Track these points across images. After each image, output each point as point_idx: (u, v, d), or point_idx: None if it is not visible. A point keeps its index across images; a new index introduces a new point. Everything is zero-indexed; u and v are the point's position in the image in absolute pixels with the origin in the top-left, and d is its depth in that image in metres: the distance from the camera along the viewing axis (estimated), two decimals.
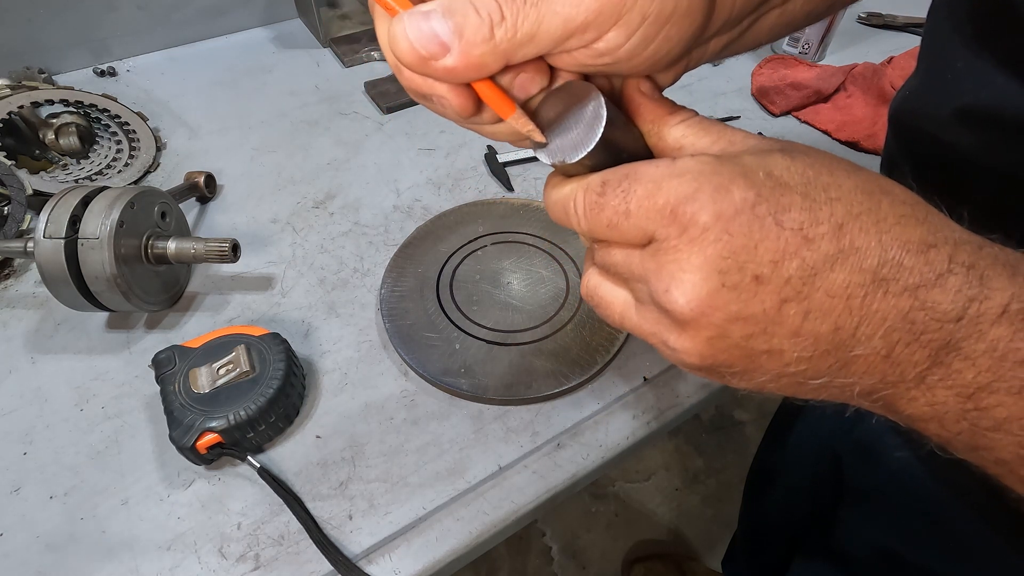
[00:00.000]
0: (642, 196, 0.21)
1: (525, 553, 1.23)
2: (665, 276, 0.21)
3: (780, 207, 0.20)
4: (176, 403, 0.40)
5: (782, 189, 0.20)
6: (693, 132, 0.24)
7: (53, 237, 0.43)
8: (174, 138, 0.69)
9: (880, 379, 0.21)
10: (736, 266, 0.20)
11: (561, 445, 0.43)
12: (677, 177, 0.21)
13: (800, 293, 0.20)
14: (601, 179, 0.22)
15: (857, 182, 0.21)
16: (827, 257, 0.19)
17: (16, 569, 0.38)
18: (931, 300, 0.19)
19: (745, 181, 0.20)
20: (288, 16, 0.88)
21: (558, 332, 0.48)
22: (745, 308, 0.20)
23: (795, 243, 0.19)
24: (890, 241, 0.19)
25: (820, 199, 0.20)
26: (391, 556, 0.38)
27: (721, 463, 1.36)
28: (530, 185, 0.63)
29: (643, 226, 0.21)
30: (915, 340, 0.20)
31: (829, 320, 0.20)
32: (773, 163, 0.21)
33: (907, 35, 0.85)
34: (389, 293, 0.51)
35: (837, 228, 0.19)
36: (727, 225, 0.20)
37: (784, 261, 0.20)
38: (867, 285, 0.19)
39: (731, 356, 0.22)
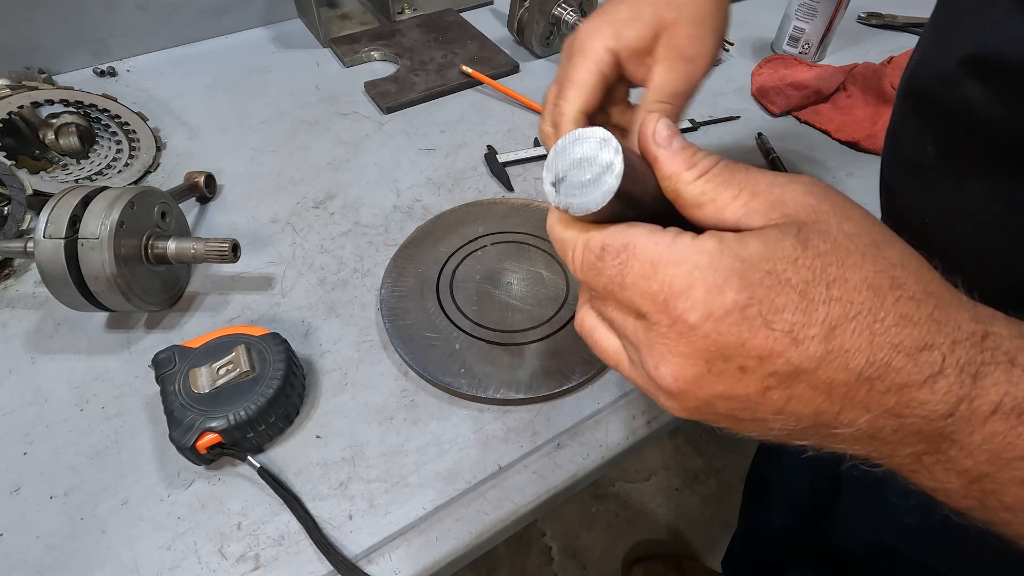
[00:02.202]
0: (638, 275, 0.22)
1: (525, 553, 1.23)
2: (655, 354, 0.22)
3: (773, 308, 0.20)
4: (176, 403, 0.40)
5: (780, 288, 0.20)
6: (713, 187, 0.23)
7: (53, 237, 0.43)
8: (174, 138, 0.69)
9: (872, 451, 0.22)
10: (722, 358, 0.21)
11: (561, 445, 0.43)
12: (673, 265, 0.21)
13: (783, 384, 0.21)
14: (601, 243, 0.23)
15: (867, 274, 0.20)
16: (813, 358, 0.20)
17: (16, 569, 0.38)
18: (918, 399, 0.20)
19: (739, 282, 0.20)
20: (288, 16, 0.88)
21: (558, 332, 0.48)
22: (729, 390, 0.21)
23: (783, 344, 0.20)
24: (882, 343, 0.20)
25: (819, 298, 0.20)
26: (391, 556, 0.38)
27: (721, 463, 1.36)
28: (530, 185, 0.63)
29: (636, 302, 0.22)
30: (902, 428, 0.20)
31: (811, 406, 0.21)
32: (780, 255, 0.20)
33: (907, 35, 0.85)
34: (389, 293, 0.51)
35: (830, 330, 0.20)
36: (716, 325, 0.20)
37: (770, 358, 0.20)
38: (851, 383, 0.20)
39: (718, 419, 0.23)
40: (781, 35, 0.80)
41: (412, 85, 0.74)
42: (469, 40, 0.82)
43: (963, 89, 0.31)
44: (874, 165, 0.65)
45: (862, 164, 0.65)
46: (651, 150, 0.24)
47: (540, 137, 0.37)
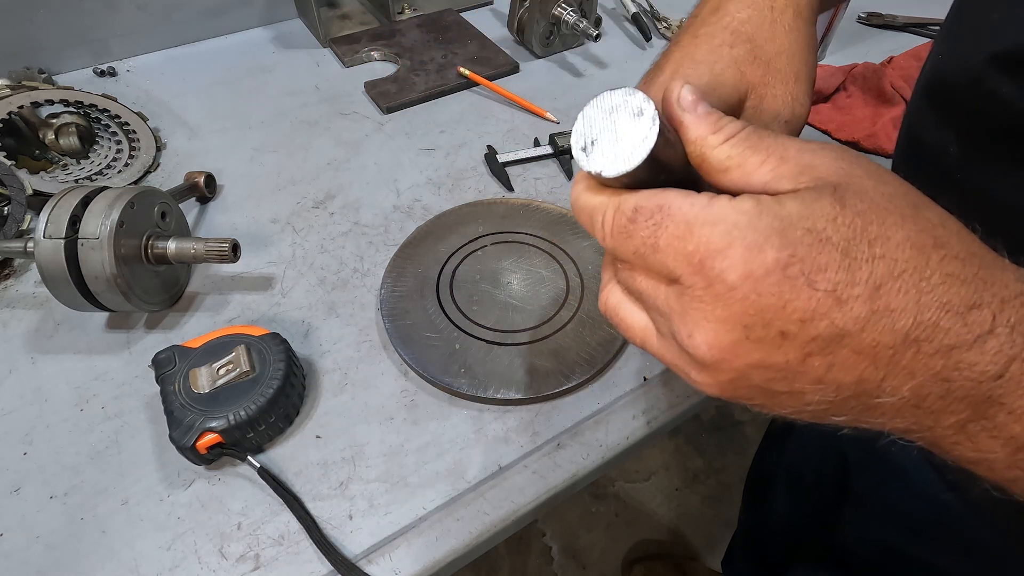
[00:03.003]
0: (672, 235, 0.21)
1: (525, 553, 1.23)
2: (689, 322, 0.21)
3: (816, 267, 0.19)
4: (176, 403, 0.40)
5: (821, 246, 0.19)
6: (739, 152, 0.22)
7: (53, 237, 0.43)
8: (174, 138, 0.69)
9: (913, 423, 0.21)
10: (762, 323, 0.20)
11: (561, 445, 0.43)
12: (711, 225, 0.20)
13: (825, 349, 0.20)
14: (634, 204, 0.22)
15: (909, 233, 0.19)
16: (858, 319, 0.19)
17: (16, 569, 0.38)
18: (967, 361, 0.19)
19: (780, 240, 0.19)
20: (288, 16, 0.88)
21: (558, 332, 0.48)
22: (767, 358, 0.20)
23: (826, 304, 0.19)
24: (929, 302, 0.19)
25: (861, 256, 0.19)
26: (391, 556, 0.38)
27: (721, 463, 1.36)
28: (530, 185, 0.63)
29: (670, 265, 0.21)
30: (949, 394, 0.19)
31: (854, 373, 0.20)
32: (819, 213, 0.20)
33: (907, 35, 0.85)
34: (389, 293, 0.51)
35: (874, 289, 0.19)
36: (756, 285, 0.19)
37: (813, 321, 0.19)
38: (897, 345, 0.19)
39: (751, 393, 0.22)
40: None
41: (412, 85, 0.74)
42: (469, 40, 0.82)
43: (993, 86, 0.31)
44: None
45: None
46: (676, 115, 0.24)
47: None
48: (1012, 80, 0.30)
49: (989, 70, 0.31)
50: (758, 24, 0.33)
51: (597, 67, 0.80)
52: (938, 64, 0.36)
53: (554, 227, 0.56)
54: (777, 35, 0.33)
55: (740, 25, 0.33)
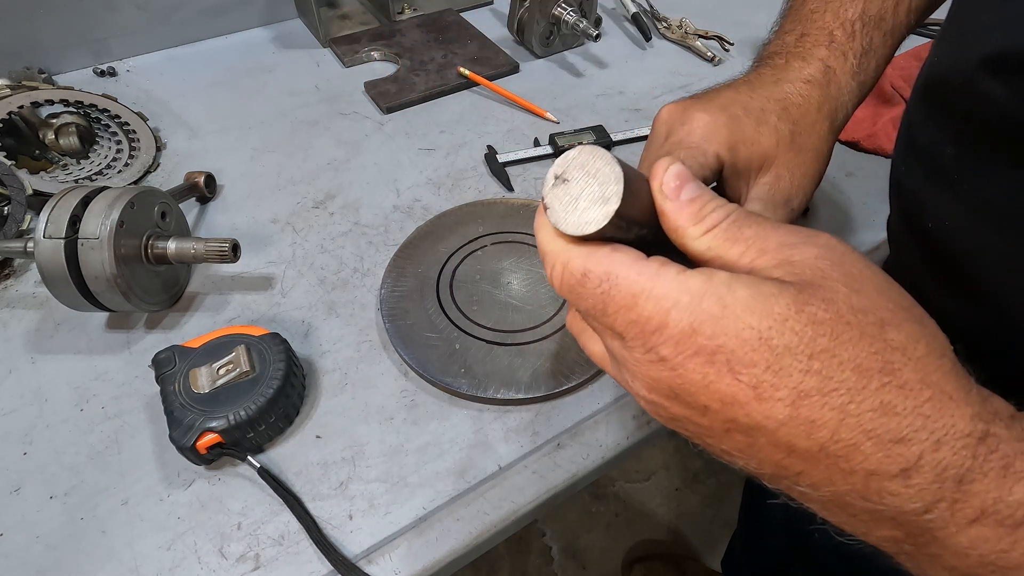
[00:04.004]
0: (619, 304, 0.22)
1: (525, 553, 1.23)
2: (629, 372, 0.23)
3: (743, 362, 0.19)
4: (176, 403, 0.40)
5: (755, 344, 0.19)
6: (719, 243, 0.23)
7: (53, 237, 0.43)
8: (174, 138, 0.69)
9: (845, 524, 0.22)
10: (687, 393, 0.21)
11: (561, 445, 0.43)
12: (653, 301, 0.21)
13: (744, 432, 0.21)
14: (583, 268, 0.22)
15: (857, 354, 0.19)
16: (774, 418, 0.20)
17: (16, 569, 0.38)
18: (888, 489, 0.19)
19: (713, 329, 0.20)
20: (288, 16, 0.88)
21: (558, 332, 0.48)
22: (694, 417, 0.22)
23: (745, 396, 0.20)
24: (853, 424, 0.19)
25: (796, 367, 0.19)
26: (391, 556, 0.38)
27: (721, 463, 1.36)
28: (530, 185, 0.63)
29: (615, 327, 0.22)
30: (875, 512, 0.20)
31: (773, 458, 0.21)
32: (768, 310, 0.20)
33: None
34: (389, 293, 0.51)
35: (798, 397, 0.19)
36: (684, 362, 0.20)
37: (732, 406, 0.20)
38: (813, 452, 0.19)
39: (690, 437, 0.24)
40: None
41: (412, 85, 0.74)
42: (469, 40, 0.82)
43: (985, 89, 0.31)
44: (874, 165, 0.65)
45: (862, 164, 0.65)
46: (658, 201, 0.24)
47: None
48: (1002, 82, 0.30)
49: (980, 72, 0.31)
50: (805, 111, 0.35)
51: (597, 67, 0.80)
52: (934, 66, 0.36)
53: None
54: (815, 132, 0.35)
55: (791, 100, 0.35)
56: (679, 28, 0.84)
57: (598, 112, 0.72)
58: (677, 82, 0.77)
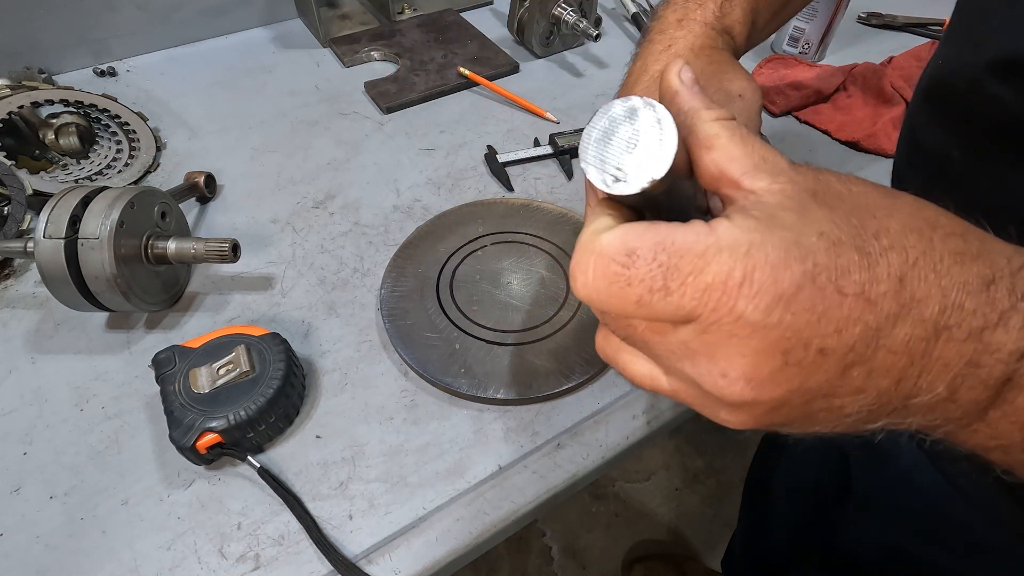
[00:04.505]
0: (687, 272, 0.19)
1: (525, 553, 1.23)
2: (720, 360, 0.19)
3: (839, 271, 0.18)
4: (176, 403, 0.40)
5: (837, 249, 0.18)
6: (727, 133, 0.22)
7: (53, 237, 0.43)
8: (174, 138, 0.69)
9: (940, 417, 0.20)
10: (801, 344, 0.18)
11: (561, 445, 0.43)
12: (726, 252, 0.18)
13: (863, 356, 0.19)
14: (625, 248, 0.19)
15: (903, 221, 0.19)
16: (889, 316, 0.18)
17: (16, 569, 0.38)
18: (995, 342, 0.18)
19: (800, 251, 0.18)
20: (288, 16, 0.88)
21: (558, 332, 0.48)
22: (807, 380, 0.19)
23: (858, 308, 0.18)
24: (950, 284, 0.18)
25: (875, 251, 0.18)
26: (391, 556, 0.38)
27: (721, 463, 1.36)
28: (530, 185, 0.63)
29: (685, 306, 0.19)
30: (980, 383, 0.19)
31: (892, 374, 0.19)
32: (817, 219, 0.19)
33: (907, 35, 0.85)
34: (389, 293, 0.51)
35: (898, 282, 0.18)
36: (789, 305, 0.18)
37: (848, 329, 0.18)
38: (928, 337, 0.18)
39: (788, 418, 0.21)
40: (781, 35, 0.80)
41: (412, 85, 0.74)
42: (469, 40, 0.82)
43: (992, 92, 0.31)
44: (874, 165, 0.65)
45: (862, 164, 0.65)
46: (672, 85, 0.23)
47: None
48: (1009, 86, 0.30)
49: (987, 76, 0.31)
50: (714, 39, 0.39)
51: (597, 67, 0.80)
52: (938, 69, 0.36)
53: (554, 227, 0.56)
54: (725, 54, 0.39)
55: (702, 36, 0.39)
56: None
57: None
58: None
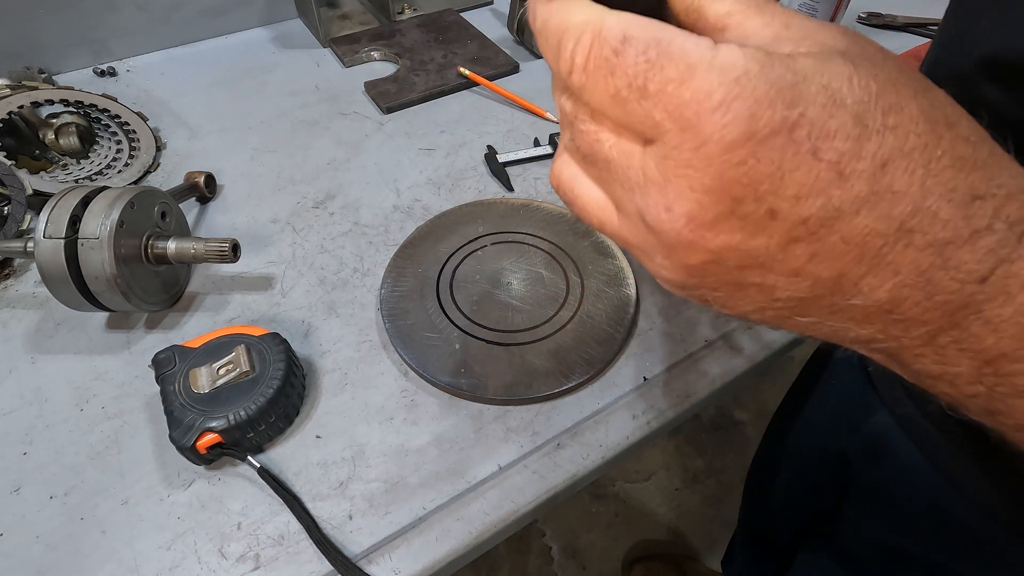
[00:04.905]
0: (667, 78, 0.17)
1: (525, 553, 1.23)
2: (669, 192, 0.18)
3: (824, 133, 0.16)
4: (176, 403, 0.40)
5: (833, 108, 0.16)
6: (742, 9, 0.19)
7: (53, 237, 0.43)
8: (174, 138, 0.69)
9: (880, 330, 0.19)
10: (754, 196, 0.17)
11: (561, 445, 0.43)
12: (716, 71, 0.16)
13: (813, 235, 0.17)
14: (623, 32, 0.17)
15: (923, 106, 0.17)
16: (856, 199, 0.17)
17: (16, 569, 0.38)
18: (956, 259, 0.17)
19: (793, 95, 0.16)
20: (288, 16, 0.88)
21: (558, 332, 0.48)
22: (748, 240, 0.18)
23: (827, 179, 0.16)
24: (934, 186, 0.16)
25: (873, 126, 0.16)
26: (391, 556, 0.38)
27: (721, 463, 1.36)
28: (530, 185, 0.63)
29: (656, 116, 0.17)
30: (927, 299, 0.17)
31: (835, 266, 0.18)
32: (834, 71, 0.17)
33: (907, 35, 0.85)
34: (389, 293, 0.51)
35: (879, 166, 0.16)
36: (756, 148, 0.16)
37: (808, 198, 0.17)
38: (889, 235, 0.17)
39: (718, 282, 0.20)
40: None
41: (412, 85, 0.74)
42: (469, 40, 0.82)
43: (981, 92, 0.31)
44: None
45: None
46: None
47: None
48: (998, 85, 0.30)
49: (976, 76, 0.31)
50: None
51: None
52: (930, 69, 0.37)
53: (554, 227, 0.56)
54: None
55: None
56: None
57: None
58: None
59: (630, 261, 0.54)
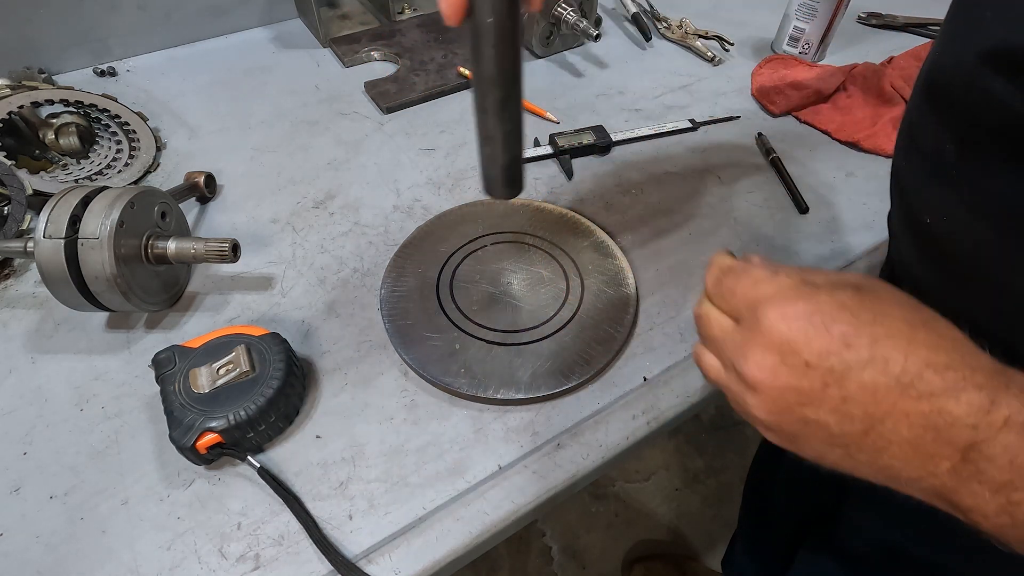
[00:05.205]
0: (745, 287, 0.30)
1: (525, 553, 1.23)
2: (745, 349, 0.29)
3: (832, 320, 0.27)
4: (176, 403, 0.40)
5: (838, 308, 0.27)
6: (799, 269, 0.31)
7: (53, 237, 0.43)
8: (174, 138, 0.69)
9: (918, 467, 0.25)
10: (792, 351, 0.27)
11: (561, 445, 0.43)
12: (769, 283, 0.29)
13: (839, 381, 0.26)
14: (729, 266, 0.32)
15: (904, 314, 0.27)
16: (860, 360, 0.26)
17: (16, 569, 0.38)
18: (947, 408, 0.24)
19: (809, 299, 0.28)
20: (288, 16, 0.88)
21: (558, 332, 0.48)
22: (797, 381, 0.27)
23: (837, 345, 0.26)
24: (915, 358, 0.25)
25: (866, 320, 0.26)
26: (391, 556, 0.38)
27: (721, 463, 1.36)
28: (530, 185, 0.63)
29: (738, 306, 0.30)
30: (939, 437, 0.24)
31: (861, 406, 0.26)
32: (841, 292, 0.28)
33: (907, 35, 0.85)
34: (389, 293, 0.51)
35: (873, 341, 0.26)
36: (789, 323, 0.27)
37: (828, 355, 0.26)
38: (892, 387, 0.25)
39: (791, 419, 0.28)
40: (781, 35, 0.80)
41: (412, 85, 0.74)
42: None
43: (984, 84, 0.31)
44: (874, 165, 0.65)
45: (862, 164, 0.65)
46: None
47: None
48: (1003, 78, 0.30)
49: (981, 68, 0.31)
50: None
51: (597, 67, 0.80)
52: (935, 63, 0.36)
53: (554, 227, 0.56)
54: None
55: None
56: (679, 28, 0.84)
57: (598, 112, 0.72)
58: (677, 82, 0.77)
59: (630, 261, 0.54)
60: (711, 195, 0.62)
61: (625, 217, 0.59)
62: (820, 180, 0.63)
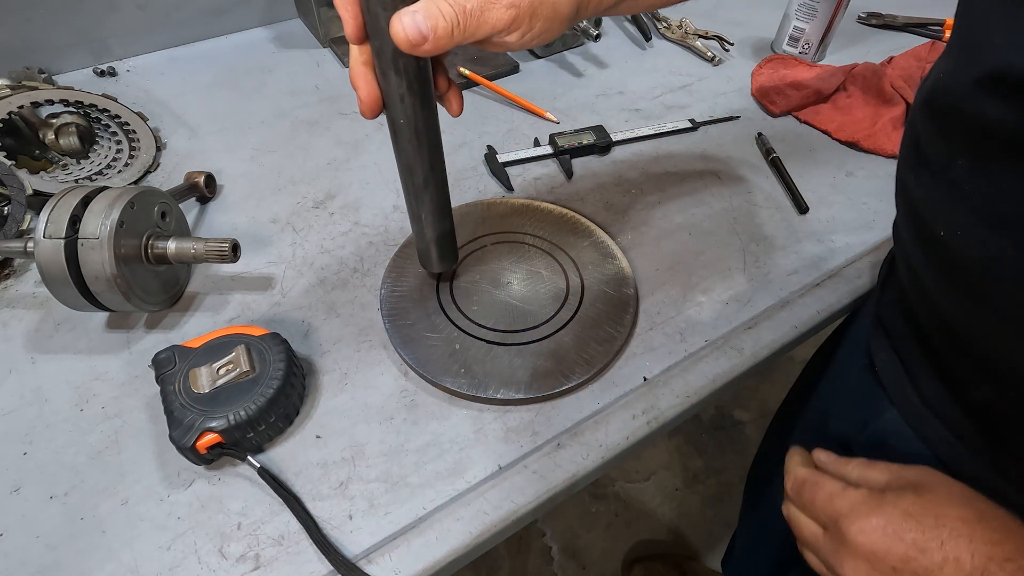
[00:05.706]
0: (822, 500, 0.37)
1: (525, 553, 1.23)
2: (840, 557, 0.34)
3: (903, 530, 0.32)
4: (176, 403, 0.40)
5: (905, 518, 0.32)
6: (861, 469, 0.38)
7: (53, 237, 0.43)
8: (174, 138, 0.69)
9: None
10: (878, 559, 0.32)
11: (561, 445, 0.43)
12: (842, 498, 0.35)
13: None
14: (804, 477, 0.39)
15: (961, 514, 0.32)
16: (936, 562, 0.31)
17: (16, 569, 0.38)
18: (990, 571, 0.29)
19: (879, 512, 0.33)
20: (288, 16, 0.88)
21: (558, 332, 0.48)
22: None
23: (914, 551, 0.31)
24: (980, 555, 0.30)
25: (929, 524, 0.32)
26: (391, 556, 0.38)
27: (721, 463, 1.36)
28: (530, 185, 0.63)
29: (819, 518, 0.36)
30: None
31: None
32: (906, 501, 0.33)
33: (907, 35, 0.85)
34: (389, 293, 0.51)
35: (940, 544, 0.31)
36: (869, 537, 0.33)
37: (909, 560, 0.31)
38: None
39: None
40: (781, 35, 0.80)
41: None
42: None
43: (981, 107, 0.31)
44: (874, 165, 0.65)
45: (862, 164, 0.65)
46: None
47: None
48: (998, 101, 0.30)
49: (977, 91, 0.31)
50: None
51: (597, 67, 0.80)
52: (939, 80, 0.37)
53: (554, 227, 0.56)
54: None
55: None
56: (679, 28, 0.84)
57: (598, 112, 0.72)
58: (677, 82, 0.77)
59: (630, 261, 0.54)
60: (711, 195, 0.62)
61: (625, 217, 0.59)
62: (820, 180, 0.63)
